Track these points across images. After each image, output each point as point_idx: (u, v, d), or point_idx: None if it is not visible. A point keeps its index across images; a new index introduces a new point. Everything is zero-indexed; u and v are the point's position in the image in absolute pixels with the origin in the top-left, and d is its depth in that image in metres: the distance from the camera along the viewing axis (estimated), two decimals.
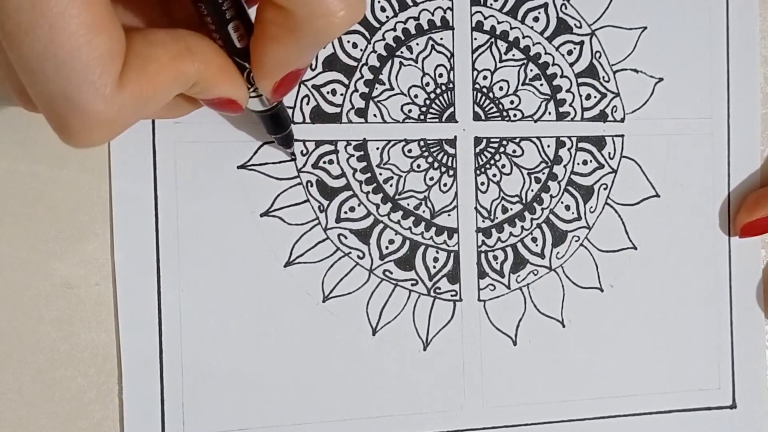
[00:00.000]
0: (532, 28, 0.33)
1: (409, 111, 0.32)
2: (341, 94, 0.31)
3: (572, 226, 0.33)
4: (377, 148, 0.31)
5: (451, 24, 0.32)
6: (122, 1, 0.24)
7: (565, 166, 0.33)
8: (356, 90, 0.31)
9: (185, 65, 0.23)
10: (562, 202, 0.33)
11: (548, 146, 0.33)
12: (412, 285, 0.32)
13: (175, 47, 0.22)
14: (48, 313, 0.29)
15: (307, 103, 0.31)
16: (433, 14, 0.32)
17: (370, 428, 0.31)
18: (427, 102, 0.32)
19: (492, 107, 0.32)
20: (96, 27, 0.19)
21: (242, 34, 0.24)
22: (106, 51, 0.20)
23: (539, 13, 0.33)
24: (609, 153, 0.34)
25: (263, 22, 0.23)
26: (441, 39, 0.32)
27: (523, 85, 0.33)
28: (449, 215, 0.32)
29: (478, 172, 0.32)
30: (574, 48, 0.33)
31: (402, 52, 0.32)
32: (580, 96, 0.33)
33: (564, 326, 0.33)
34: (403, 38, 0.32)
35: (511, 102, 0.33)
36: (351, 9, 0.21)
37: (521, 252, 0.33)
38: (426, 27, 0.32)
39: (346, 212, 0.31)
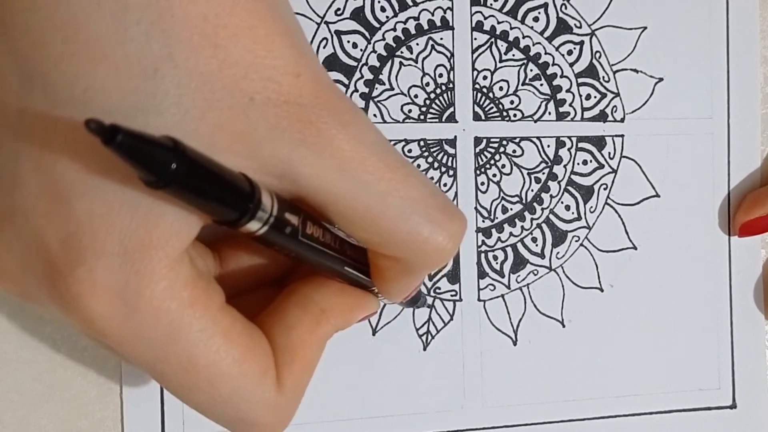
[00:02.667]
0: (532, 28, 0.33)
1: (409, 111, 0.32)
2: None
3: (572, 226, 0.33)
4: None
5: (451, 24, 0.32)
6: (230, 255, 0.25)
7: (565, 166, 0.33)
8: (356, 90, 0.31)
9: (324, 329, 0.24)
10: (562, 202, 0.33)
11: (548, 146, 0.33)
12: None
13: (310, 317, 0.23)
14: (48, 313, 0.29)
15: None
16: (433, 14, 0.32)
17: (370, 428, 0.31)
18: (427, 102, 0.32)
19: (492, 107, 0.32)
20: (244, 357, 0.21)
21: (358, 266, 0.24)
22: (259, 371, 0.21)
23: (539, 13, 0.33)
24: (609, 153, 0.34)
25: (379, 268, 0.24)
26: (441, 39, 0.32)
27: (523, 85, 0.33)
28: None
29: (478, 172, 0.32)
30: (574, 48, 0.33)
31: (402, 52, 0.32)
32: (580, 96, 0.33)
33: (564, 326, 0.33)
34: (403, 38, 0.32)
35: (511, 102, 0.33)
36: (456, 237, 0.22)
37: (521, 252, 0.33)
38: (426, 27, 0.32)
39: None
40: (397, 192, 0.21)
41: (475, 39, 0.32)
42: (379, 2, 0.31)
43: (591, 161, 0.33)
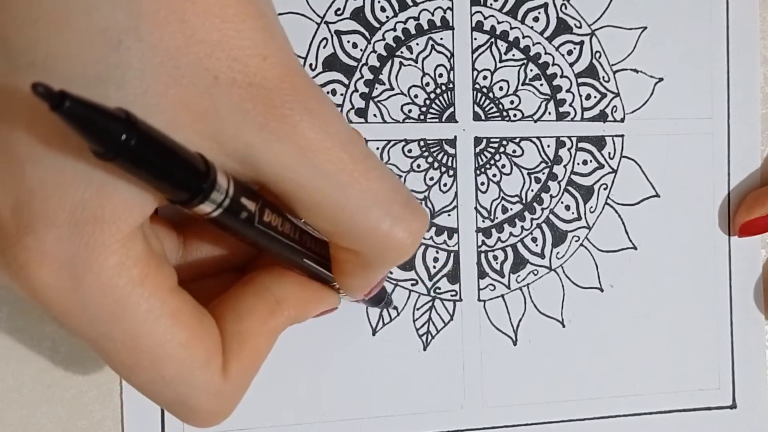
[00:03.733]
0: (532, 28, 0.33)
1: (409, 111, 0.32)
2: (341, 94, 0.31)
3: (572, 226, 0.33)
4: (377, 148, 0.31)
5: (451, 24, 0.32)
6: (194, 240, 0.24)
7: (565, 166, 0.33)
8: (356, 90, 0.31)
9: (278, 320, 0.23)
10: (562, 202, 0.33)
11: (548, 146, 0.33)
12: (412, 285, 0.32)
13: (264, 307, 0.23)
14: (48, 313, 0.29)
15: None
16: (433, 14, 0.32)
17: (370, 428, 0.31)
18: (427, 102, 0.32)
19: (492, 107, 0.32)
20: (190, 341, 0.20)
21: (319, 260, 0.24)
22: (205, 356, 0.21)
23: (539, 13, 0.33)
24: (609, 153, 0.34)
25: (339, 262, 0.23)
26: (441, 39, 0.32)
27: (523, 85, 0.33)
28: (449, 215, 0.32)
29: (478, 172, 0.32)
30: (574, 48, 0.33)
31: (402, 52, 0.32)
32: (580, 96, 0.33)
33: (564, 326, 0.33)
34: (403, 38, 0.32)
35: (511, 102, 0.33)
36: (416, 233, 0.22)
37: (521, 252, 0.33)
38: (426, 27, 0.32)
39: None
40: (358, 184, 0.20)
41: (475, 39, 0.32)
42: (379, 2, 0.31)
43: (591, 161, 0.33)
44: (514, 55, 0.33)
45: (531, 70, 0.33)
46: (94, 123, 0.16)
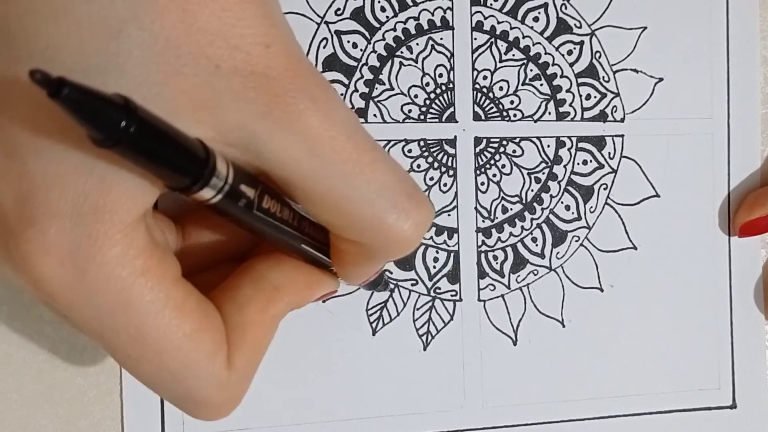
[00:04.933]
0: (532, 28, 0.33)
1: (409, 111, 0.32)
2: (341, 94, 0.31)
3: (572, 226, 0.33)
4: None
5: (451, 24, 0.32)
6: (193, 231, 0.24)
7: (565, 166, 0.33)
8: (356, 90, 0.31)
9: (277, 307, 0.23)
10: (562, 202, 0.33)
11: (548, 146, 0.33)
12: (412, 285, 0.32)
13: (263, 296, 0.23)
14: (48, 313, 0.29)
15: None
16: (433, 14, 0.32)
17: (370, 428, 0.31)
18: (427, 102, 0.32)
19: (492, 107, 0.32)
20: (195, 333, 0.20)
21: (318, 245, 0.24)
22: (210, 348, 0.21)
23: (539, 13, 0.33)
24: (609, 153, 0.34)
25: (340, 251, 0.23)
26: (441, 39, 0.32)
27: (523, 85, 0.33)
28: (449, 215, 0.32)
29: (478, 172, 0.32)
30: (574, 48, 0.33)
31: (402, 52, 0.32)
32: (580, 96, 0.33)
33: (564, 326, 0.33)
34: (403, 38, 0.32)
35: (511, 102, 0.33)
36: (421, 226, 0.21)
37: (521, 252, 0.33)
38: (426, 27, 0.32)
39: None
40: (363, 175, 0.20)
41: (475, 39, 0.32)
42: (379, 2, 0.31)
43: (591, 161, 0.33)
44: (514, 55, 0.33)
45: (531, 70, 0.33)
46: (92, 110, 0.15)
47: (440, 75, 0.32)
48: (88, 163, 0.18)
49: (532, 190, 0.33)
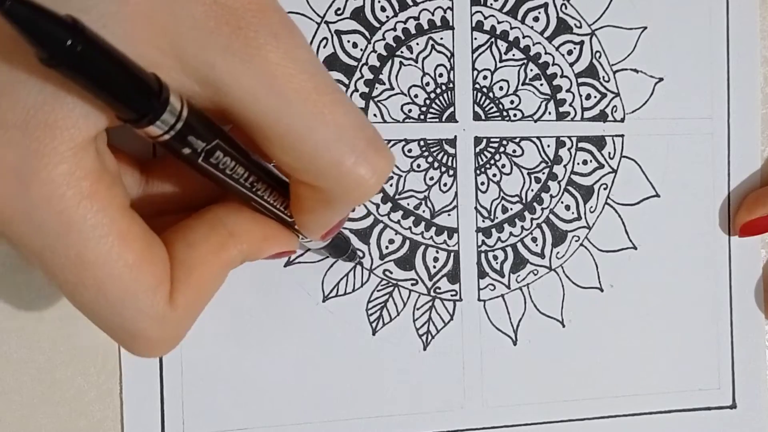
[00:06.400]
0: (532, 28, 0.33)
1: (409, 111, 0.32)
2: None
3: (572, 226, 0.33)
4: None
5: (451, 24, 0.32)
6: (156, 175, 0.24)
7: (565, 166, 0.33)
8: (356, 90, 0.31)
9: (230, 253, 0.23)
10: (562, 202, 0.33)
11: (548, 146, 0.33)
12: (412, 285, 0.32)
13: (216, 238, 0.22)
14: (48, 313, 0.29)
15: None
16: (433, 14, 0.32)
17: (370, 428, 0.31)
18: (427, 102, 0.32)
19: (492, 107, 0.32)
20: (137, 264, 0.20)
21: (277, 197, 0.23)
22: (152, 281, 0.20)
23: (539, 13, 0.33)
24: (609, 153, 0.34)
25: (299, 197, 0.23)
26: (441, 39, 0.32)
27: (523, 85, 0.33)
28: (449, 215, 0.32)
29: (478, 171, 0.32)
30: (574, 48, 0.33)
31: (402, 52, 0.32)
32: (580, 96, 0.33)
33: (564, 326, 0.33)
34: (403, 38, 0.32)
35: (511, 102, 0.33)
36: (380, 173, 0.21)
37: (521, 252, 0.33)
38: (426, 27, 0.32)
39: None
40: (322, 116, 0.20)
41: (475, 39, 0.32)
42: (379, 2, 0.31)
43: (591, 161, 0.33)
44: (514, 54, 0.33)
45: (531, 70, 0.33)
46: (38, 26, 0.15)
47: (440, 75, 0.32)
48: (42, 77, 0.18)
49: (532, 190, 0.33)
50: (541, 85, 0.33)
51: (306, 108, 0.20)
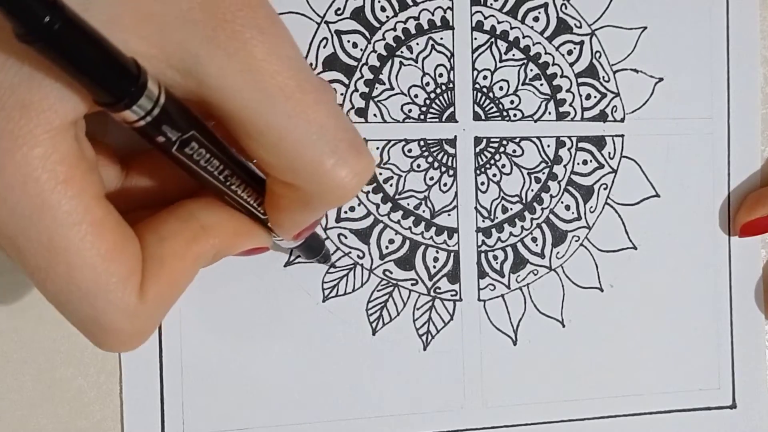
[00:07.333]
0: (532, 28, 0.33)
1: (409, 111, 0.32)
2: (341, 94, 0.31)
3: (572, 226, 0.33)
4: (377, 148, 0.31)
5: (451, 24, 0.32)
6: (136, 169, 0.24)
7: (565, 166, 0.33)
8: (356, 90, 0.31)
9: (201, 247, 0.22)
10: (562, 202, 0.33)
11: (548, 146, 0.33)
12: (412, 285, 0.32)
13: (188, 232, 0.22)
14: (48, 313, 0.29)
15: None
16: (433, 14, 0.32)
17: (370, 428, 0.31)
18: (427, 102, 0.32)
19: (492, 107, 0.32)
20: (110, 254, 0.20)
21: (251, 193, 0.23)
22: (124, 272, 0.20)
23: (539, 13, 0.33)
24: (609, 153, 0.34)
25: (275, 195, 0.22)
26: (441, 39, 0.32)
27: (523, 85, 0.33)
28: (449, 215, 0.32)
29: (478, 171, 0.32)
30: (574, 48, 0.33)
31: (402, 52, 0.32)
32: (580, 96, 0.33)
33: (564, 326, 0.33)
34: (403, 38, 0.32)
35: (511, 102, 0.33)
36: (360, 176, 0.21)
37: (521, 252, 0.33)
38: (426, 27, 0.32)
39: (345, 212, 0.31)
40: (304, 114, 0.20)
41: (475, 39, 0.32)
42: (379, 2, 0.31)
43: (591, 161, 0.33)
44: (514, 54, 0.33)
45: (531, 70, 0.33)
46: (16, 1, 0.15)
47: (440, 75, 0.32)
48: (20, 57, 0.17)
49: (532, 190, 0.33)
50: (541, 85, 0.33)
51: (288, 105, 0.19)
